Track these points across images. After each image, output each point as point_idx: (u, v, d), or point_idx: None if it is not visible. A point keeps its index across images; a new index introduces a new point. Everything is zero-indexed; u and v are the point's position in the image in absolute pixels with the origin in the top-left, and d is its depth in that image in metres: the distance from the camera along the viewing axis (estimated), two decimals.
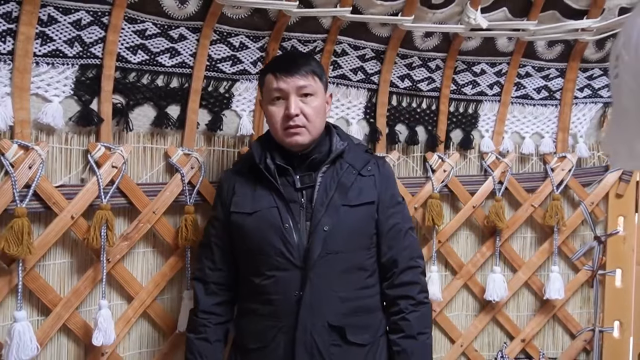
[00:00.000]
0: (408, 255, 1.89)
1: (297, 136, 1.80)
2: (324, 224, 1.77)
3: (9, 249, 1.70)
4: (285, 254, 1.76)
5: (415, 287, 1.88)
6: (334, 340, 1.78)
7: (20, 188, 1.76)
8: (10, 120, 1.75)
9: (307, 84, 1.80)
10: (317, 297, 1.75)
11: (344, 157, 1.86)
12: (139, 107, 2.05)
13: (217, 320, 1.90)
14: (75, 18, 1.82)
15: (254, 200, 1.83)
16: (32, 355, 1.76)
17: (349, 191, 1.82)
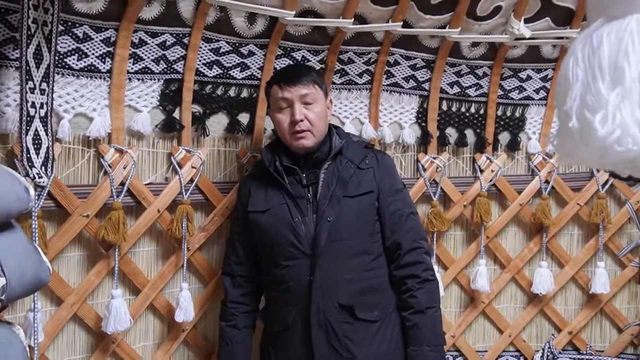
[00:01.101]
0: (411, 237, 2.03)
1: (303, 140, 2.00)
2: (328, 215, 1.96)
3: (108, 236, 2.01)
4: (296, 244, 1.96)
5: (420, 266, 2.03)
6: (345, 318, 1.95)
7: (117, 185, 2.07)
8: (108, 128, 2.06)
9: (308, 92, 2.00)
10: (326, 280, 1.94)
11: (343, 154, 2.04)
12: (214, 115, 2.33)
13: (244, 309, 2.13)
14: (161, 40, 2.12)
15: (266, 199, 2.04)
16: (126, 327, 2.07)
17: (349, 184, 2.00)
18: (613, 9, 0.73)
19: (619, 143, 0.67)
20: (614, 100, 0.68)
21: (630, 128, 0.67)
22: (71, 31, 1.91)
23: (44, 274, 1.42)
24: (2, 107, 1.79)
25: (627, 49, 0.69)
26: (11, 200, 1.31)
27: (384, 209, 2.04)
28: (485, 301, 2.84)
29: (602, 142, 0.68)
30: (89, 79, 2.00)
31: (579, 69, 0.72)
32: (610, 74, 0.69)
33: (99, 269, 2.08)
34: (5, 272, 1.28)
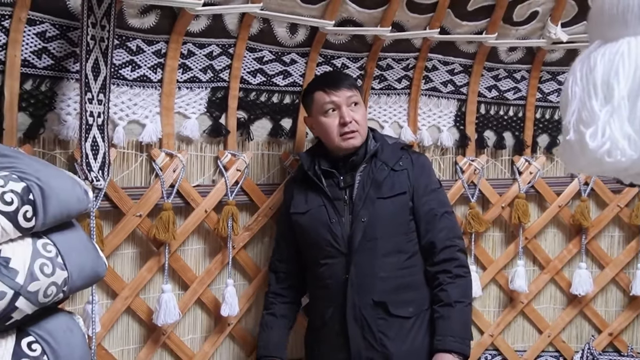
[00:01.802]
0: (445, 236, 2.09)
1: (352, 140, 2.09)
2: (362, 216, 2.05)
3: (159, 235, 2.16)
4: (333, 244, 2.07)
5: (453, 262, 2.08)
6: (379, 314, 2.03)
7: (167, 187, 2.21)
8: (159, 134, 2.20)
9: (353, 94, 2.11)
10: (361, 278, 2.03)
11: (377, 156, 2.11)
12: (258, 120, 2.45)
13: (283, 300, 2.25)
14: (208, 51, 2.25)
15: (307, 201, 2.15)
16: (175, 320, 2.22)
17: (382, 185, 2.07)
18: (609, 32, 0.80)
19: (609, 155, 0.74)
20: (604, 117, 0.75)
21: (619, 142, 0.74)
22: (125, 45, 2.06)
23: (101, 268, 1.56)
24: (64, 116, 1.95)
25: (617, 69, 0.76)
26: (72, 202, 1.46)
27: (418, 208, 2.11)
28: (524, 301, 2.88)
29: (594, 154, 0.75)
30: (141, 88, 2.15)
31: (577, 87, 0.80)
32: (602, 92, 0.76)
33: (150, 265, 2.23)
34: (67, 266, 1.43)
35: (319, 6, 2.31)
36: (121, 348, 2.23)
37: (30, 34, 1.83)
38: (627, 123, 0.74)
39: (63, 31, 1.89)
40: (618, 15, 0.79)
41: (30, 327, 1.42)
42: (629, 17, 0.78)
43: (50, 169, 1.49)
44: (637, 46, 0.77)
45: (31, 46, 1.84)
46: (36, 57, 1.86)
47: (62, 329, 1.48)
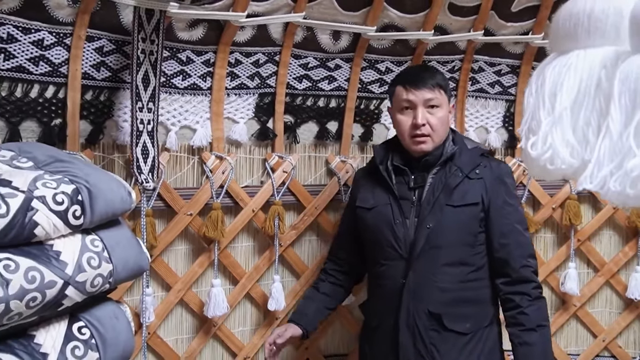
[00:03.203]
0: (520, 255, 1.99)
1: (423, 144, 2.00)
2: (428, 222, 1.96)
3: (208, 232, 2.31)
4: (394, 245, 2.01)
5: (530, 284, 1.99)
6: (433, 326, 1.96)
7: (216, 188, 2.36)
8: (209, 138, 2.35)
9: (433, 96, 1.99)
10: (418, 285, 1.97)
11: (454, 161, 2.01)
12: (305, 124, 2.56)
13: (332, 280, 2.26)
14: (255, 59, 2.38)
15: (373, 197, 2.09)
16: (224, 312, 2.36)
17: (454, 192, 1.97)
18: (562, 45, 0.85)
19: (551, 163, 0.79)
20: (546, 126, 0.79)
21: (560, 151, 0.78)
22: (176, 56, 2.22)
23: (144, 262, 1.71)
24: (121, 123, 2.14)
25: (562, 81, 0.81)
26: (116, 202, 1.62)
27: (493, 221, 2.00)
28: (577, 304, 2.84)
29: (537, 162, 0.80)
30: (192, 95, 2.31)
31: (531, 97, 0.85)
32: (550, 102, 0.81)
33: (201, 261, 2.38)
34: (112, 259, 1.59)
35: (360, 13, 2.39)
36: (175, 337, 2.40)
37: (89, 49, 2.02)
38: (569, 132, 0.79)
39: (118, 46, 2.07)
40: (570, 29, 0.83)
41: (80, 314, 1.59)
42: (579, 31, 0.82)
43: (98, 173, 1.66)
44: (584, 58, 0.81)
45: (90, 60, 2.03)
46: (95, 70, 2.05)
47: (109, 316, 1.65)
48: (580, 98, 0.79)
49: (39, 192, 1.44)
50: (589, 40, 0.81)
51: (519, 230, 2.03)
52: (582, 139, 0.78)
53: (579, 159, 0.78)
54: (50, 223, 1.44)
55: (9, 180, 1.42)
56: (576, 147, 0.79)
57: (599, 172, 0.71)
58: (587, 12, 0.81)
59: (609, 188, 0.70)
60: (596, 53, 0.80)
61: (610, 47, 0.80)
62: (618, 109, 0.71)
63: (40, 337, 1.47)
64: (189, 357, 2.39)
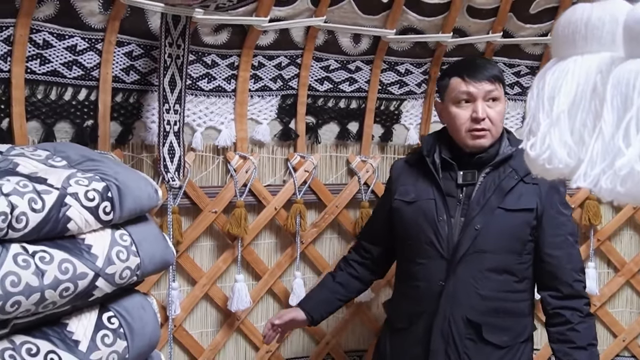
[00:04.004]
0: (571, 267, 1.89)
1: (482, 139, 1.88)
2: (477, 223, 1.85)
3: (232, 229, 2.39)
4: (435, 244, 1.89)
5: (581, 300, 1.90)
6: (470, 335, 1.85)
7: (240, 187, 2.43)
8: (233, 138, 2.43)
9: (493, 88, 1.88)
10: (459, 290, 1.85)
11: (509, 162, 1.89)
12: (326, 124, 2.63)
13: (349, 271, 2.16)
14: (277, 62, 2.46)
15: (415, 190, 1.97)
16: (246, 307, 2.44)
17: (508, 195, 1.86)
18: (562, 51, 0.90)
19: (549, 162, 0.84)
20: (544, 128, 0.85)
21: (558, 151, 0.83)
22: (202, 59, 2.30)
23: (169, 256, 1.80)
24: (149, 124, 2.23)
25: (561, 85, 0.86)
26: (144, 198, 1.70)
27: (545, 230, 1.89)
28: (597, 304, 2.85)
29: (536, 162, 0.86)
30: (217, 97, 2.39)
31: (533, 101, 0.90)
32: (549, 105, 0.86)
33: (225, 257, 2.47)
34: (139, 253, 1.67)
35: (379, 16, 2.44)
36: (200, 330, 2.48)
37: (119, 53, 2.11)
38: (566, 134, 0.84)
39: (147, 50, 2.16)
40: (568, 36, 0.88)
41: (110, 304, 1.68)
42: (576, 37, 0.87)
43: (127, 171, 1.75)
44: (581, 64, 0.86)
45: (120, 64, 2.13)
46: (125, 74, 2.15)
47: (136, 307, 1.74)
48: (577, 101, 0.84)
49: (72, 189, 1.53)
50: (586, 47, 0.86)
51: (571, 243, 1.93)
52: (579, 139, 0.83)
53: (575, 159, 0.83)
54: (82, 218, 1.54)
55: (45, 178, 1.52)
56: (573, 148, 0.83)
57: (592, 171, 0.75)
58: (584, 19, 0.86)
59: (601, 186, 0.75)
60: (593, 59, 0.85)
61: (606, 52, 0.84)
62: (610, 112, 0.76)
63: (72, 325, 1.56)
64: (213, 350, 2.48)
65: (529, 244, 1.90)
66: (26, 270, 1.38)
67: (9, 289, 1.34)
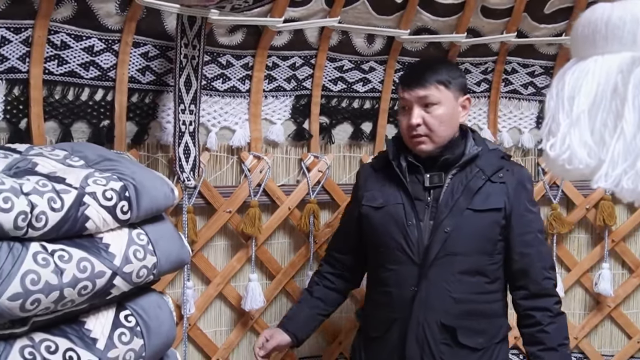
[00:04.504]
0: (541, 265, 1.88)
1: (422, 145, 1.87)
2: (446, 225, 1.82)
3: (246, 229, 2.40)
4: (405, 249, 1.86)
5: (551, 299, 1.88)
6: (445, 339, 1.83)
7: (254, 186, 2.45)
8: (248, 138, 2.44)
9: (428, 94, 1.84)
10: (431, 294, 1.83)
11: (475, 162, 1.87)
12: (340, 125, 2.63)
13: (325, 284, 2.11)
14: (291, 62, 2.47)
15: (383, 195, 1.93)
16: (260, 306, 2.45)
17: (476, 196, 1.84)
18: (582, 51, 0.90)
19: (569, 162, 0.84)
20: (564, 128, 0.85)
21: (578, 151, 0.83)
22: (216, 60, 2.32)
23: (185, 255, 1.81)
24: (164, 124, 2.25)
25: (581, 85, 0.86)
26: (160, 198, 1.72)
27: (514, 229, 1.87)
28: (611, 305, 2.84)
29: (556, 162, 0.86)
30: (231, 98, 2.40)
31: (552, 100, 0.90)
32: (569, 105, 0.86)
33: (239, 256, 2.48)
34: (156, 252, 1.69)
35: (393, 17, 2.45)
36: (214, 329, 2.50)
37: (135, 54, 2.13)
38: (586, 134, 0.84)
39: (162, 51, 2.18)
40: (588, 36, 0.88)
41: (127, 303, 1.69)
42: (597, 37, 0.87)
43: (144, 171, 1.76)
44: (602, 64, 0.86)
45: (136, 65, 2.15)
46: (141, 74, 2.16)
47: (153, 306, 1.75)
48: (598, 101, 0.84)
49: (90, 188, 1.54)
50: (607, 47, 0.86)
51: (540, 240, 1.92)
52: (599, 140, 0.83)
53: (595, 159, 0.82)
54: (100, 217, 1.55)
55: (63, 178, 1.53)
56: (593, 148, 0.83)
57: (613, 171, 0.75)
58: (604, 19, 0.86)
59: (622, 186, 0.75)
60: (613, 58, 0.85)
61: (627, 52, 0.84)
62: (632, 112, 0.76)
63: (90, 324, 1.57)
64: (227, 349, 2.49)
65: (500, 244, 1.88)
66: (46, 268, 1.40)
67: (29, 287, 1.35)
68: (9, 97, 1.92)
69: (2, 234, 1.34)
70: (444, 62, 2.14)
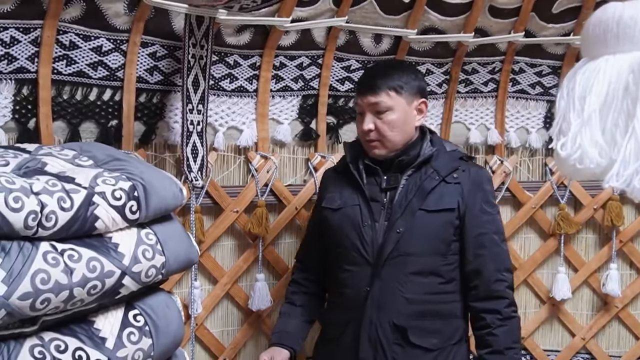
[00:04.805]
0: (494, 267, 1.86)
1: (375, 149, 1.90)
2: (399, 226, 1.83)
3: (253, 229, 2.40)
4: (360, 250, 1.88)
5: (502, 302, 1.86)
6: (397, 340, 1.83)
7: (261, 186, 2.45)
8: (255, 138, 2.44)
9: (379, 100, 1.86)
10: (384, 295, 1.83)
11: (430, 163, 1.88)
12: (347, 124, 2.62)
13: (304, 290, 2.11)
14: (299, 62, 2.47)
15: (341, 197, 1.96)
16: (267, 306, 2.45)
17: (429, 196, 1.85)
18: (593, 51, 0.90)
19: (580, 162, 0.84)
20: (575, 128, 0.84)
21: (589, 151, 0.83)
22: (224, 60, 2.32)
23: (193, 255, 1.81)
24: (172, 124, 2.25)
25: (592, 84, 0.85)
26: (169, 197, 1.72)
27: (469, 230, 1.87)
28: (618, 306, 2.83)
29: (566, 162, 0.85)
30: (239, 97, 2.40)
31: (563, 100, 0.90)
32: (580, 105, 0.86)
33: (246, 256, 2.48)
34: (165, 252, 1.69)
35: (401, 17, 2.45)
36: (221, 329, 2.50)
37: (143, 54, 2.14)
38: (597, 133, 0.83)
39: (170, 51, 2.18)
40: (600, 35, 0.88)
41: (135, 302, 1.69)
42: (608, 36, 0.87)
43: (152, 171, 1.77)
44: (613, 63, 0.86)
45: (144, 65, 2.15)
46: (149, 74, 2.17)
47: (161, 305, 1.75)
48: (609, 101, 0.84)
49: (99, 188, 1.54)
50: (618, 46, 0.85)
51: (495, 241, 1.89)
52: (610, 139, 0.83)
53: (607, 159, 0.82)
54: (110, 217, 1.55)
55: (73, 177, 1.54)
56: (604, 147, 0.83)
57: (625, 171, 0.75)
58: (616, 18, 0.85)
59: (634, 186, 0.74)
60: (625, 58, 0.85)
61: (638, 52, 0.84)
62: None
63: (99, 323, 1.58)
64: (234, 349, 2.49)
65: (454, 244, 1.88)
66: (55, 268, 1.40)
67: (39, 286, 1.35)
68: (18, 97, 1.93)
69: (13, 234, 1.34)
70: (398, 66, 2.07)
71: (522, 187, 2.79)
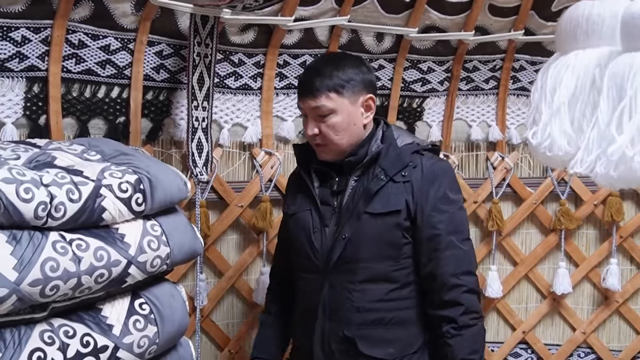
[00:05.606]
0: (450, 271, 1.69)
1: (322, 153, 1.80)
2: (345, 232, 1.73)
3: (258, 223, 2.46)
4: (311, 256, 1.78)
5: (458, 309, 1.68)
6: (349, 351, 1.73)
7: (265, 182, 2.51)
8: (259, 135, 2.51)
9: (319, 104, 1.73)
10: (334, 303, 1.74)
11: (378, 162, 1.75)
12: None
13: (278, 297, 2.04)
14: (302, 60, 2.53)
15: (296, 202, 1.87)
16: None
17: (374, 198, 1.72)
18: (565, 46, 0.95)
19: (550, 150, 0.89)
20: (545, 118, 0.90)
21: (557, 140, 0.88)
22: (229, 58, 2.39)
23: (197, 246, 1.88)
24: (178, 121, 2.32)
25: (562, 78, 0.91)
26: (174, 191, 1.78)
27: (421, 231, 1.72)
28: (619, 300, 2.86)
29: (537, 149, 0.91)
30: (243, 95, 2.47)
31: (536, 92, 0.95)
32: (550, 97, 0.91)
33: (251, 250, 2.54)
34: (169, 243, 1.75)
35: (402, 15, 2.50)
36: (226, 321, 2.57)
37: (150, 53, 2.21)
38: (566, 123, 0.89)
39: (176, 49, 2.25)
40: (570, 32, 0.93)
41: (141, 291, 1.75)
42: (578, 32, 0.92)
43: (158, 165, 1.83)
44: (582, 58, 0.91)
45: (151, 63, 2.22)
46: (155, 72, 2.24)
47: (166, 295, 1.81)
48: (577, 93, 0.89)
49: (107, 181, 1.61)
50: (587, 42, 0.91)
51: (451, 242, 1.71)
52: (578, 129, 0.88)
53: (574, 147, 0.88)
54: (116, 209, 1.62)
55: (81, 171, 1.60)
56: (572, 137, 0.88)
57: (588, 157, 0.80)
58: (585, 16, 0.91)
59: (596, 171, 0.79)
60: (593, 53, 0.90)
61: (606, 47, 0.89)
62: (605, 102, 0.81)
63: (106, 311, 1.64)
64: (238, 341, 2.55)
65: (406, 247, 1.74)
66: (64, 256, 1.46)
67: (49, 273, 1.42)
68: (29, 95, 2.00)
69: (24, 223, 1.41)
70: (338, 62, 1.80)
71: (523, 183, 2.82)
